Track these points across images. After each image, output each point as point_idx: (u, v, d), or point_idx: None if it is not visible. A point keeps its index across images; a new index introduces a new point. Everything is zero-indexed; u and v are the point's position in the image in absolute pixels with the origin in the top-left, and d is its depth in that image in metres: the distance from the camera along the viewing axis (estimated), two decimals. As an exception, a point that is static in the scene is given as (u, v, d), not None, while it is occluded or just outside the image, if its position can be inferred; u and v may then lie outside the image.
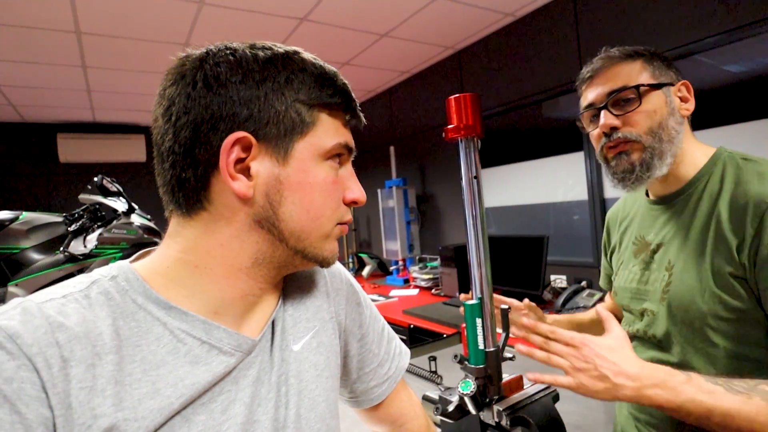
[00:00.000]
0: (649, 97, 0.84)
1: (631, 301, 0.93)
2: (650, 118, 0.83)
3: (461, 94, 0.73)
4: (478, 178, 0.77)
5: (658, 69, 0.85)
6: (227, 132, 0.47)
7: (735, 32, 1.77)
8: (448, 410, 0.69)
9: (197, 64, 0.48)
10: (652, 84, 0.84)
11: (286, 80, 0.49)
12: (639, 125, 0.84)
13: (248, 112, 0.47)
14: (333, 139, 0.52)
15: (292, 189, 0.50)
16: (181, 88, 0.48)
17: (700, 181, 0.83)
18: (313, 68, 0.51)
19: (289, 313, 0.59)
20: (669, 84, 0.85)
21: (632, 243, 0.96)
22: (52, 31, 2.41)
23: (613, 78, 0.86)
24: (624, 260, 0.98)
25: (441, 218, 3.48)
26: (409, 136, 3.72)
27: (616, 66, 0.86)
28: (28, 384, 0.38)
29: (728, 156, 0.83)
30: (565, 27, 2.41)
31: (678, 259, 0.83)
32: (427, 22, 2.62)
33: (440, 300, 2.76)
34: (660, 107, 0.84)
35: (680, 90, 0.86)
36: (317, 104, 0.50)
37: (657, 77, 0.85)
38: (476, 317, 0.74)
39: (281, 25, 2.55)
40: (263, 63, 0.48)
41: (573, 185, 2.52)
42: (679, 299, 0.81)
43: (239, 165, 0.48)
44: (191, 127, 0.47)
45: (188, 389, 0.46)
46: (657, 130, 0.83)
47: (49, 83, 3.20)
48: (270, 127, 0.48)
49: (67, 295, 0.44)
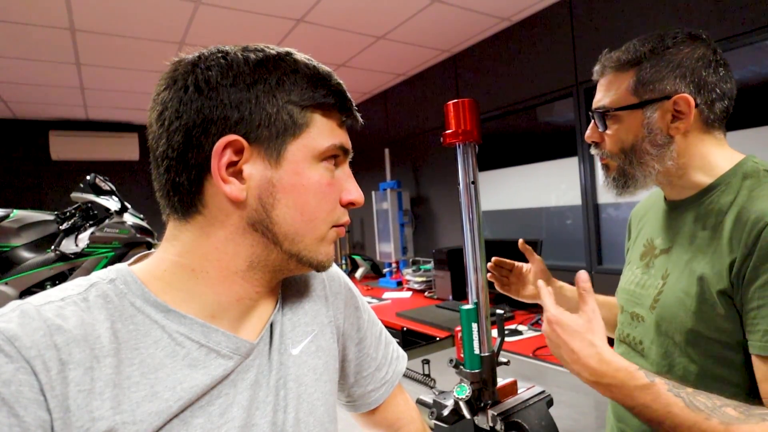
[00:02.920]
0: (621, 120, 0.81)
1: (626, 302, 0.92)
2: (620, 140, 0.81)
3: (460, 100, 0.74)
4: (475, 184, 0.78)
5: (651, 79, 0.77)
6: (219, 135, 0.47)
7: (728, 41, 1.80)
8: (442, 414, 0.69)
9: (189, 68, 0.49)
10: (623, 107, 0.80)
11: (278, 82, 0.49)
12: (611, 145, 0.83)
13: (239, 115, 0.47)
14: (327, 140, 0.51)
15: (285, 191, 0.49)
16: (173, 93, 0.48)
17: (716, 191, 0.77)
18: (306, 69, 0.51)
19: (288, 317, 0.59)
20: (655, 100, 0.77)
21: (642, 244, 0.93)
22: (47, 28, 2.39)
23: (602, 89, 0.84)
24: (631, 260, 0.96)
25: (435, 221, 3.49)
26: (404, 138, 3.73)
27: (608, 75, 0.83)
28: (26, 387, 0.38)
29: (752, 166, 0.76)
30: (560, 33, 2.43)
31: (674, 269, 0.81)
32: (423, 25, 2.63)
33: (433, 303, 2.76)
34: (633, 129, 0.80)
35: (677, 104, 0.76)
36: (310, 105, 0.50)
37: (642, 93, 0.78)
38: (472, 322, 0.74)
39: (278, 26, 2.55)
40: (254, 65, 0.48)
41: (566, 190, 2.54)
42: (666, 310, 0.79)
43: (232, 168, 0.48)
44: (183, 132, 0.47)
45: (186, 392, 0.46)
46: (628, 151, 0.81)
47: (43, 80, 3.17)
48: (261, 130, 0.48)
49: (65, 298, 0.44)
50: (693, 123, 0.77)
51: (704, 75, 0.76)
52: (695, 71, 0.76)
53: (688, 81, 0.76)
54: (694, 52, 0.77)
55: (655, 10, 2.02)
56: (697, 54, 0.77)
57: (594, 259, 2.34)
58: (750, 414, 0.61)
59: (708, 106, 0.77)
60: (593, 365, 0.67)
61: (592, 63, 0.89)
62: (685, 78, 0.76)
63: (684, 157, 0.79)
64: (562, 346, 0.70)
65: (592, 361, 0.67)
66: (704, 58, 0.77)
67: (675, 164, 0.79)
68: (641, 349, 0.85)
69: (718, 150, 0.79)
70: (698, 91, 0.76)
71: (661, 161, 0.79)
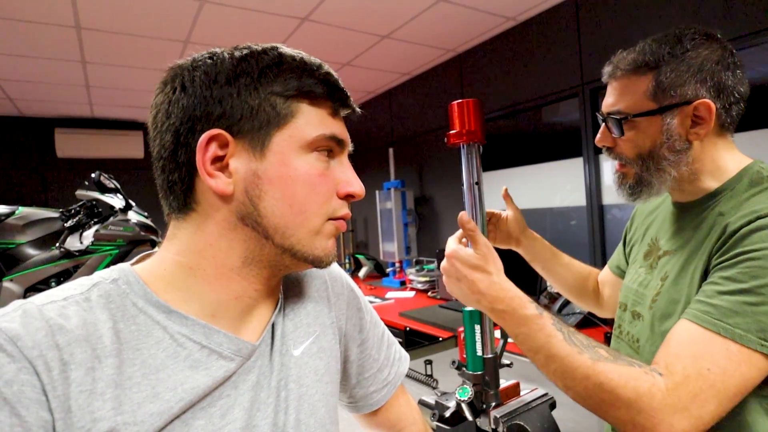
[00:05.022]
0: (638, 126, 0.78)
1: (629, 301, 0.92)
2: (637, 146, 0.79)
3: (464, 100, 0.73)
4: (479, 184, 0.78)
5: (672, 84, 0.74)
6: (203, 131, 0.47)
7: (735, 42, 1.78)
8: (444, 416, 0.69)
9: (178, 71, 0.50)
10: (643, 113, 0.77)
11: (260, 74, 0.49)
12: (627, 151, 0.81)
13: (221, 109, 0.48)
14: (316, 129, 0.51)
15: (271, 183, 0.49)
16: (164, 96, 0.50)
17: (720, 196, 0.77)
18: (292, 60, 0.50)
19: (290, 317, 0.59)
20: (675, 106, 0.75)
21: (648, 243, 0.93)
22: (52, 26, 2.40)
23: (615, 92, 0.81)
24: (637, 259, 0.96)
25: (439, 221, 3.49)
26: (409, 138, 3.72)
27: (622, 78, 0.80)
28: (28, 387, 0.38)
29: (757, 171, 0.75)
30: (566, 32, 2.42)
31: (672, 272, 0.81)
32: (428, 24, 2.62)
33: (436, 303, 2.76)
34: (651, 135, 0.77)
35: (697, 109, 0.74)
36: (295, 95, 0.50)
37: (661, 99, 0.75)
38: (475, 323, 0.74)
39: (283, 25, 2.55)
40: (238, 61, 0.49)
41: (571, 190, 2.53)
42: (661, 311, 0.79)
43: (219, 163, 0.49)
44: (172, 131, 0.48)
45: (188, 393, 0.45)
46: (646, 157, 0.79)
47: (48, 78, 3.19)
48: (244, 122, 0.48)
49: (68, 298, 0.44)
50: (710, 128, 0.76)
51: (724, 79, 0.74)
52: (715, 75, 0.74)
53: (709, 86, 0.74)
54: (713, 55, 0.75)
55: (662, 10, 2.00)
56: (716, 56, 0.75)
57: (599, 260, 2.33)
58: (618, 357, 0.65)
59: (726, 110, 0.76)
60: (491, 293, 0.70)
61: (598, 63, 0.87)
62: (706, 82, 0.74)
63: (697, 162, 0.78)
64: (462, 279, 0.73)
65: (491, 289, 0.70)
66: (723, 60, 0.75)
67: (688, 169, 0.78)
68: (637, 347, 0.86)
69: (728, 154, 0.79)
70: (717, 96, 0.74)
71: (677, 167, 0.77)
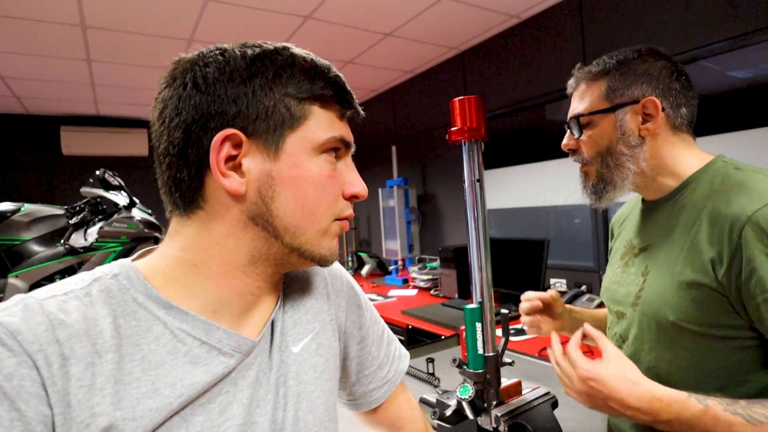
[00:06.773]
0: (596, 124, 0.87)
1: (608, 300, 0.96)
2: (596, 144, 0.87)
3: (466, 97, 0.73)
4: (481, 182, 0.77)
5: (621, 86, 0.84)
6: (217, 130, 0.47)
7: (740, 38, 1.77)
8: (445, 414, 0.69)
9: (188, 66, 0.49)
10: (598, 111, 0.86)
11: (275, 75, 0.49)
12: (588, 150, 0.89)
13: (236, 109, 0.47)
14: (327, 132, 0.51)
15: (284, 184, 0.49)
16: (173, 91, 0.49)
17: (687, 189, 0.82)
18: (303, 62, 0.50)
19: (289, 314, 0.59)
20: (625, 104, 0.84)
21: (623, 245, 0.98)
22: (58, 25, 2.41)
23: (576, 99, 0.91)
24: (613, 261, 1.00)
25: (441, 219, 3.48)
26: (412, 136, 3.72)
27: (582, 86, 0.90)
28: (28, 381, 0.38)
29: (722, 164, 0.81)
30: (569, 30, 2.40)
31: (653, 266, 0.84)
32: (431, 22, 2.61)
33: (439, 301, 2.76)
34: (608, 132, 0.85)
35: (645, 107, 0.83)
36: (308, 98, 0.50)
37: (613, 98, 0.85)
38: (476, 321, 0.74)
39: (286, 23, 2.55)
40: (251, 60, 0.49)
41: (574, 189, 2.51)
42: (648, 306, 0.82)
43: (231, 162, 0.48)
44: (183, 128, 0.48)
45: (187, 389, 0.46)
46: (605, 154, 0.86)
47: (54, 76, 3.20)
48: (259, 123, 0.48)
49: (68, 292, 0.44)
50: (661, 126, 0.84)
51: (668, 82, 0.84)
52: (660, 78, 0.84)
53: (654, 86, 0.84)
54: (657, 63, 0.85)
55: (664, 8, 1.99)
56: (659, 64, 0.85)
57: (602, 259, 2.32)
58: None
59: (673, 110, 0.84)
60: (646, 405, 0.69)
61: (602, 60, 0.90)
62: (651, 84, 0.84)
63: (656, 158, 0.84)
64: (608, 398, 0.71)
65: (643, 401, 0.69)
66: (666, 68, 0.85)
67: (648, 165, 0.84)
68: (626, 345, 0.88)
69: (687, 152, 0.85)
70: (664, 96, 0.83)
71: (636, 162, 0.84)
